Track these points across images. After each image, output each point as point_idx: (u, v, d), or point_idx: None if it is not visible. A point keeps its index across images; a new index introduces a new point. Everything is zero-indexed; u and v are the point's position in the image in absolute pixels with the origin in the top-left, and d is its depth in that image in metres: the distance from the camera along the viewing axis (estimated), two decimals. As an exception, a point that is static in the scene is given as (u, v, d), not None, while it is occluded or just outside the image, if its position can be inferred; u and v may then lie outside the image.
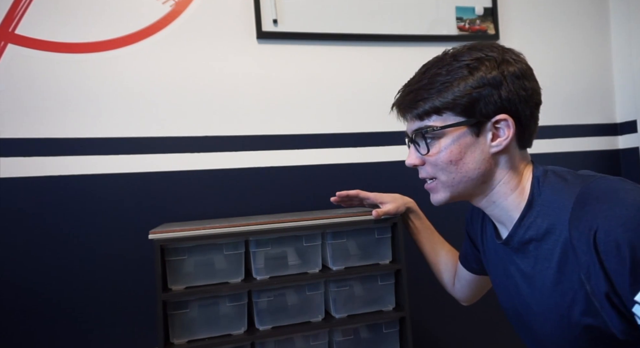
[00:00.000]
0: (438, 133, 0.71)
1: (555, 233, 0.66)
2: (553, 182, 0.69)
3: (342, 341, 1.33)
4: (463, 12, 1.82)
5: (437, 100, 0.70)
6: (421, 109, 0.71)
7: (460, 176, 0.71)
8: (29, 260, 1.39)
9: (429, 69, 0.72)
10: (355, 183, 1.69)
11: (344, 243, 1.34)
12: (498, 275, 0.84)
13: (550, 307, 0.68)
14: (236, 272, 1.27)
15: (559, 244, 0.65)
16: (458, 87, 0.69)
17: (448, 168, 0.71)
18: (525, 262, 0.72)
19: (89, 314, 1.43)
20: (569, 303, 0.65)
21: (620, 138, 2.02)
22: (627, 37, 1.98)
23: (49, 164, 1.42)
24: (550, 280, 0.67)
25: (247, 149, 1.60)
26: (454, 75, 0.69)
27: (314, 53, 1.67)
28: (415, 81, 0.73)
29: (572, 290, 0.64)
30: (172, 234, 1.20)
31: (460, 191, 0.73)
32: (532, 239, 0.70)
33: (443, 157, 0.71)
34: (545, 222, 0.67)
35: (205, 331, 1.23)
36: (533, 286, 0.71)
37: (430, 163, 0.73)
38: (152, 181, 1.50)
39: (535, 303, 0.71)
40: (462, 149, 0.70)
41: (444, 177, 0.72)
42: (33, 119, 1.42)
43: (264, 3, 1.60)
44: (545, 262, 0.68)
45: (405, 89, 0.75)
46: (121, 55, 1.50)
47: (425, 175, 0.75)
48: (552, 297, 0.67)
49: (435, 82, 0.70)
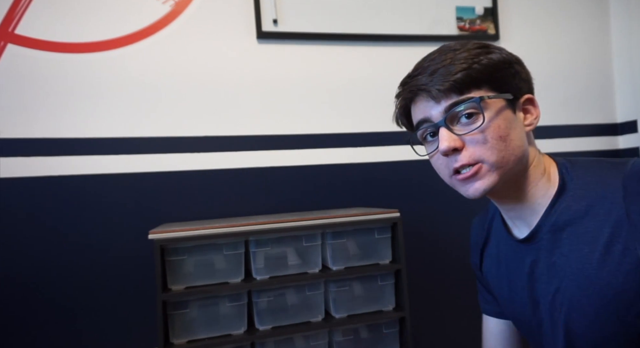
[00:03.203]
0: (485, 104, 0.63)
1: (600, 214, 0.62)
2: (585, 166, 0.67)
3: (342, 341, 1.33)
4: (463, 12, 1.82)
5: (473, 71, 0.64)
6: (460, 79, 0.63)
7: (509, 154, 0.64)
8: (29, 260, 1.39)
9: (443, 53, 0.66)
10: (355, 183, 1.69)
11: (344, 243, 1.34)
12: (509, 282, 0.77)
13: (596, 291, 0.62)
14: (236, 272, 1.27)
15: (608, 223, 0.61)
16: (489, 61, 0.65)
17: (498, 145, 0.63)
18: (557, 252, 0.67)
19: (89, 314, 1.43)
20: (622, 282, 0.60)
21: (620, 138, 2.02)
22: (627, 37, 1.98)
23: (49, 164, 1.42)
24: (594, 264, 0.62)
25: (247, 149, 1.60)
26: (476, 53, 0.65)
27: (314, 53, 1.67)
28: (436, 62, 0.66)
29: (627, 269, 0.59)
30: (172, 234, 1.20)
31: (508, 173, 0.65)
32: (567, 224, 0.65)
33: (493, 132, 0.63)
34: (583, 204, 0.64)
35: (205, 331, 1.23)
36: (568, 275, 0.65)
37: (475, 142, 0.63)
38: (152, 181, 1.50)
39: (571, 294, 0.65)
40: (507, 123, 0.64)
41: (494, 157, 0.63)
42: (33, 119, 1.42)
43: (264, 3, 1.60)
44: (586, 246, 0.63)
45: (429, 69, 0.66)
46: (121, 55, 1.50)
47: (467, 161, 0.63)
48: (597, 280, 0.62)
49: (461, 59, 0.64)
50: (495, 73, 0.65)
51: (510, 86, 0.66)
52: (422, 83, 0.66)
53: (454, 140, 0.64)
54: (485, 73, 0.64)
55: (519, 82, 0.68)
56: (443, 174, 0.68)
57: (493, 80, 0.65)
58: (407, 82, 0.69)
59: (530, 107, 0.70)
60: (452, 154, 0.64)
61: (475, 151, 0.63)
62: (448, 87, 0.64)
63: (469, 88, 0.64)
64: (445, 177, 0.68)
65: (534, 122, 0.69)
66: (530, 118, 0.69)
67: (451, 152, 0.64)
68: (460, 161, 0.64)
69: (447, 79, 0.64)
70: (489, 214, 0.86)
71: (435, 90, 0.64)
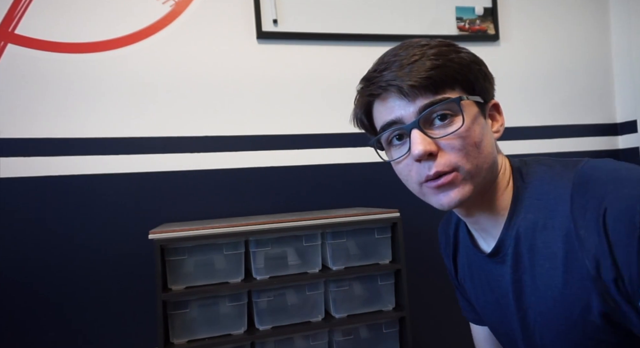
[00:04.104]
0: (462, 106, 0.58)
1: (554, 227, 0.58)
2: (539, 172, 0.63)
3: (342, 341, 1.33)
4: (463, 12, 1.82)
5: (448, 69, 0.58)
6: (435, 76, 0.57)
7: (482, 162, 0.59)
8: (29, 260, 1.39)
9: (408, 48, 0.60)
10: (355, 183, 1.69)
11: (344, 243, 1.34)
12: (484, 294, 0.73)
13: (564, 309, 0.58)
14: (236, 272, 1.27)
15: (560, 238, 0.57)
16: (461, 60, 0.59)
17: (473, 152, 0.58)
18: (521, 267, 0.62)
19: (89, 314, 1.43)
20: (584, 304, 0.56)
21: (620, 138, 2.02)
22: (627, 37, 1.98)
23: (49, 164, 1.42)
24: (559, 284, 0.58)
25: (247, 149, 1.60)
26: (446, 51, 0.59)
27: (314, 53, 1.67)
28: (402, 56, 0.59)
29: (584, 289, 0.55)
30: (172, 234, 1.20)
31: (481, 183, 0.60)
32: (525, 238, 0.61)
33: (469, 137, 0.58)
34: (539, 217, 0.60)
35: (205, 331, 1.23)
36: (534, 293, 0.62)
37: (451, 148, 0.57)
38: (152, 181, 1.50)
39: (539, 311, 0.62)
40: (481, 129, 0.59)
41: (469, 165, 0.57)
42: (33, 119, 1.42)
43: (264, 3, 1.60)
44: (547, 262, 0.59)
45: (395, 64, 0.59)
46: (121, 56, 1.50)
47: (442, 168, 0.57)
48: (563, 299, 0.58)
49: (431, 55, 0.58)
50: (468, 74, 0.60)
51: (481, 89, 0.61)
52: (390, 78, 0.59)
53: (429, 143, 0.57)
54: (459, 72, 0.59)
55: (487, 84, 0.63)
56: (411, 181, 0.61)
57: (465, 81, 0.60)
58: (373, 77, 0.62)
59: (496, 114, 0.65)
60: (425, 159, 0.58)
61: (451, 157, 0.57)
62: (423, 84, 0.57)
63: (443, 88, 0.58)
64: (414, 185, 0.62)
65: (500, 130, 0.65)
66: (497, 125, 0.65)
67: (425, 157, 0.57)
68: (435, 168, 0.57)
69: (420, 74, 0.57)
70: (451, 222, 0.82)
71: (408, 87, 0.57)
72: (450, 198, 0.58)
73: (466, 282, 0.79)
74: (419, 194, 0.63)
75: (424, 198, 0.62)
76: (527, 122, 1.89)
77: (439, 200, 0.59)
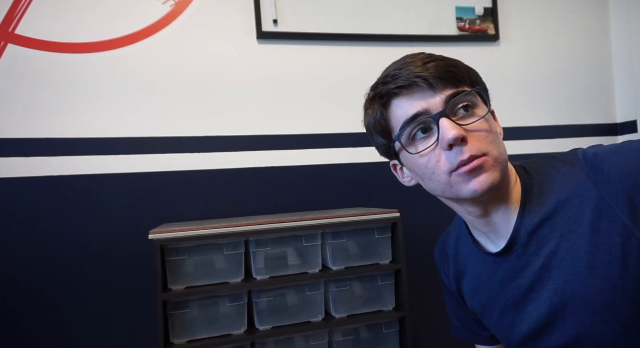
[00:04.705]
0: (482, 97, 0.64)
1: (575, 201, 0.61)
2: (540, 164, 0.68)
3: (342, 341, 1.33)
4: (463, 12, 1.82)
5: (463, 68, 0.64)
6: (457, 71, 0.62)
7: (503, 151, 0.63)
8: (29, 259, 1.39)
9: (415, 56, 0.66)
10: (355, 183, 1.69)
11: (344, 243, 1.34)
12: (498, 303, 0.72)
13: (599, 275, 0.59)
14: (236, 272, 1.27)
15: (588, 207, 0.60)
16: (466, 66, 0.66)
17: (496, 140, 0.62)
18: (544, 251, 0.63)
19: (89, 314, 1.43)
20: (619, 260, 0.58)
21: (620, 138, 2.02)
22: (627, 37, 1.98)
23: (49, 164, 1.42)
24: (585, 249, 0.60)
25: (247, 149, 1.60)
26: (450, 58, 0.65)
27: (314, 53, 1.67)
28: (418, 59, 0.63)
29: (619, 245, 0.58)
30: (172, 234, 1.20)
31: (504, 171, 0.62)
32: (544, 220, 0.63)
33: (492, 126, 0.62)
34: (553, 198, 0.63)
35: (205, 331, 1.23)
36: (565, 271, 0.62)
37: (478, 134, 0.61)
38: (152, 181, 1.50)
39: (575, 289, 0.61)
40: (494, 122, 0.65)
41: (495, 151, 0.61)
42: (33, 119, 1.42)
43: (264, 3, 1.60)
44: (572, 233, 0.61)
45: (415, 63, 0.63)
46: (121, 56, 1.50)
47: (475, 152, 0.59)
48: (594, 266, 0.59)
49: (442, 60, 0.63)
50: (476, 77, 0.66)
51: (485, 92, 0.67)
52: (413, 73, 0.61)
53: (460, 128, 0.59)
54: (471, 73, 0.65)
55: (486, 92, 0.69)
56: (439, 171, 0.62)
57: (475, 83, 0.65)
58: (391, 75, 0.64)
59: (495, 120, 0.71)
60: (458, 144, 0.59)
61: (481, 143, 0.60)
62: (447, 76, 0.61)
63: (462, 82, 0.63)
64: (442, 175, 0.62)
65: (502, 133, 0.69)
66: (500, 128, 0.69)
67: (458, 142, 0.59)
68: (467, 151, 0.59)
69: (443, 68, 0.61)
70: (448, 241, 0.84)
71: (434, 78, 0.60)
72: (481, 181, 0.60)
73: (475, 297, 0.78)
74: (445, 187, 0.63)
75: (452, 189, 0.62)
76: (527, 122, 1.89)
77: (472, 186, 0.60)
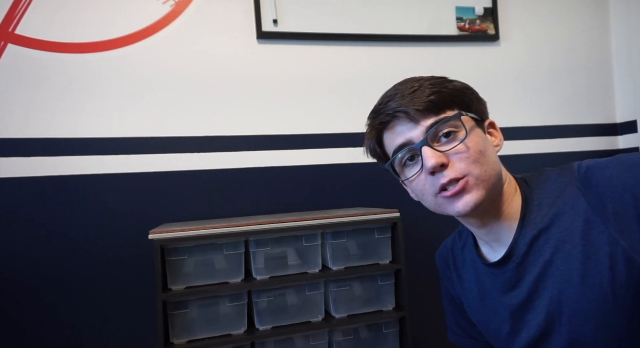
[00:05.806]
0: (462, 121, 0.66)
1: (569, 214, 0.65)
2: (541, 177, 0.71)
3: (342, 341, 1.33)
4: (463, 12, 1.82)
5: (444, 94, 0.67)
6: (435, 100, 0.66)
7: (490, 168, 0.66)
8: (28, 260, 1.39)
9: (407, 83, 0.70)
10: (355, 183, 1.69)
11: (344, 243, 1.35)
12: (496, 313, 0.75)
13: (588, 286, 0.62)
14: (236, 272, 1.27)
15: (579, 218, 0.64)
16: (454, 87, 0.69)
17: (480, 158, 0.65)
18: (540, 261, 0.67)
19: (89, 314, 1.43)
20: (608, 269, 0.61)
21: (620, 138, 2.02)
22: (627, 37, 1.98)
23: (48, 164, 1.42)
24: (578, 259, 0.63)
25: (247, 149, 1.60)
26: (440, 81, 0.69)
27: (313, 53, 1.67)
28: (402, 89, 0.69)
29: (607, 255, 0.61)
30: (172, 234, 1.20)
31: (491, 188, 0.66)
32: (541, 231, 0.67)
33: (474, 145, 0.66)
34: (550, 211, 0.67)
35: (205, 331, 1.23)
36: (559, 280, 0.65)
37: (459, 157, 0.65)
38: (152, 181, 1.50)
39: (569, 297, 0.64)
40: (481, 140, 0.68)
41: (477, 170, 0.65)
42: (33, 119, 1.42)
43: (264, 3, 1.60)
44: (566, 244, 0.65)
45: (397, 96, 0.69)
46: (121, 56, 1.50)
47: (454, 175, 0.64)
48: (586, 275, 0.62)
49: (428, 85, 0.68)
50: (463, 96, 0.69)
51: (476, 110, 0.70)
52: (396, 106, 0.68)
53: (439, 156, 0.64)
54: (454, 96, 0.68)
55: (481, 106, 0.72)
56: (427, 193, 0.68)
57: (461, 103, 0.68)
58: (379, 109, 0.71)
59: (494, 131, 0.73)
60: (438, 170, 0.65)
61: (461, 166, 0.65)
62: (426, 107, 0.66)
63: (443, 109, 0.67)
64: (430, 197, 0.68)
65: (500, 144, 0.73)
66: (496, 140, 0.73)
67: (438, 168, 0.64)
68: (447, 176, 0.64)
69: (422, 99, 0.66)
70: (448, 247, 0.87)
71: (413, 111, 0.66)
72: (465, 202, 0.65)
73: (475, 306, 0.81)
74: (435, 207, 0.69)
75: (440, 209, 0.68)
76: (527, 122, 1.89)
77: (456, 207, 0.65)
